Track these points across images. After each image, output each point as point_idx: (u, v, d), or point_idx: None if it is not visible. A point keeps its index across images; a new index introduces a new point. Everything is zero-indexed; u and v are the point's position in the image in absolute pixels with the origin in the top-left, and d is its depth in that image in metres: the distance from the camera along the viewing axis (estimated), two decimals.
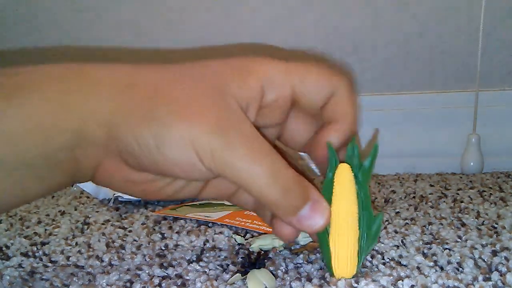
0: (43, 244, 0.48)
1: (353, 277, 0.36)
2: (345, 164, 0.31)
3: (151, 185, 0.30)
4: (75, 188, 0.72)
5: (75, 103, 0.26)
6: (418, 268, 0.38)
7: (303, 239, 0.43)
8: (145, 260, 0.43)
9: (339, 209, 0.32)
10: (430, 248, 0.41)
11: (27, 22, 0.80)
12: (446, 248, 0.41)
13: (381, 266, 0.38)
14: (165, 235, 0.49)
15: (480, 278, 0.35)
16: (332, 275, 0.34)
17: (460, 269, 0.37)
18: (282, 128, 0.34)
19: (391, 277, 0.36)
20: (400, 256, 0.40)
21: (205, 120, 0.26)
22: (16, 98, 0.25)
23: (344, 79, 0.31)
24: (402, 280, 0.35)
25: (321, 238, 0.33)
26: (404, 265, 0.38)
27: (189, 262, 0.42)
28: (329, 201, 0.32)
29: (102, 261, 0.43)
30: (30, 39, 0.82)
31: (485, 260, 0.38)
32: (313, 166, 0.36)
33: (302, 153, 0.36)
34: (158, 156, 0.26)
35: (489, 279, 0.35)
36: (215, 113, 0.26)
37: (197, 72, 0.28)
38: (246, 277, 0.36)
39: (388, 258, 0.40)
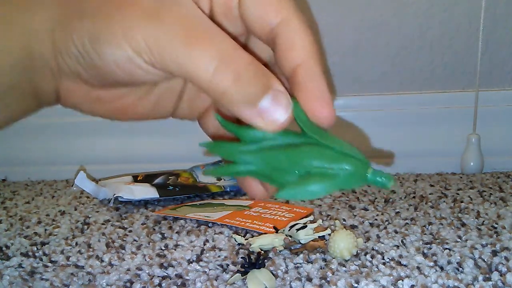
0: (43, 244, 0.48)
1: (352, 277, 0.36)
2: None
3: (119, 102, 0.29)
4: (75, 188, 0.71)
5: (17, 22, 0.25)
6: (418, 268, 0.38)
7: (304, 236, 0.43)
8: (145, 260, 0.43)
9: None
10: (430, 248, 0.41)
11: None
12: (446, 248, 0.41)
13: (381, 266, 0.38)
14: (165, 235, 0.49)
15: (480, 278, 0.35)
16: None
17: (460, 269, 0.37)
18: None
19: (391, 277, 0.36)
20: (400, 256, 0.40)
21: (135, 7, 0.24)
22: None
23: (296, 10, 0.26)
24: (402, 280, 0.35)
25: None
26: (404, 265, 0.38)
27: (189, 262, 0.42)
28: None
29: (102, 261, 0.43)
30: None
31: (485, 260, 0.38)
32: None
33: None
34: (96, 57, 0.25)
35: (489, 279, 0.35)
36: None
37: None
38: (246, 277, 0.36)
39: (388, 258, 0.40)
